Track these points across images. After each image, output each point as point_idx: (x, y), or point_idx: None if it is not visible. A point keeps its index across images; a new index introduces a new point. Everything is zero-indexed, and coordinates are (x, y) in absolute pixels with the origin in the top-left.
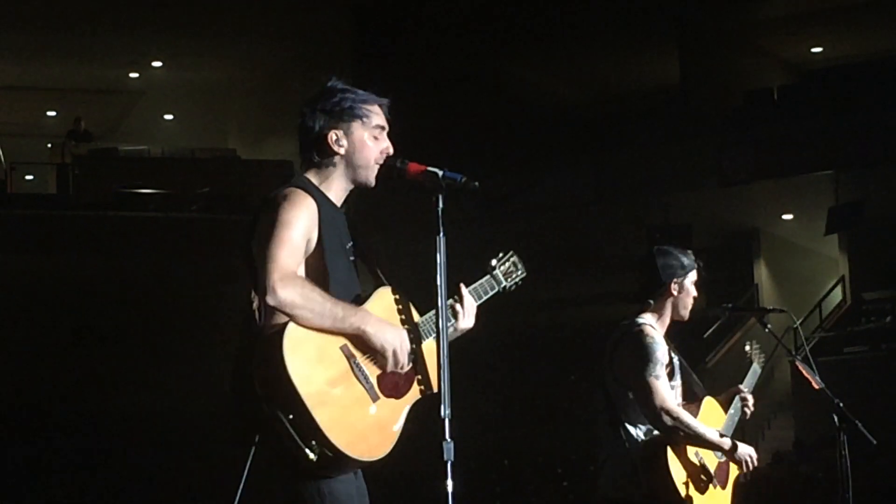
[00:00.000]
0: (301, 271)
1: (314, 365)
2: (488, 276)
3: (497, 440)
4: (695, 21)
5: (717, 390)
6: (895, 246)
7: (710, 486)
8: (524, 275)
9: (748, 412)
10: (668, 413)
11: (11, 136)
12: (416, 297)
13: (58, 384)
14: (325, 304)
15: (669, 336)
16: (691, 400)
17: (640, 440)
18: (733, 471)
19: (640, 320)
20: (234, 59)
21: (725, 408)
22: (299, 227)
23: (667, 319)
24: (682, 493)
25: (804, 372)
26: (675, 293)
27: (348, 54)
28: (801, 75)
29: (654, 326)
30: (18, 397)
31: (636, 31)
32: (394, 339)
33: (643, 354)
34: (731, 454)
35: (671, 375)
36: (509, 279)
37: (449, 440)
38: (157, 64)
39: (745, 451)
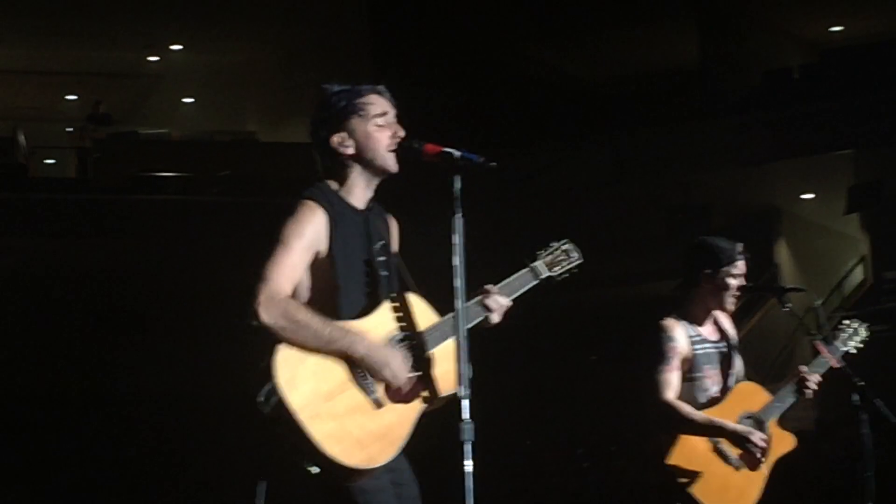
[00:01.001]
0: (307, 283)
1: (308, 379)
2: (526, 270)
3: (518, 421)
4: (714, 1)
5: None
6: None
7: (729, 467)
8: (579, 261)
9: (808, 392)
10: (669, 407)
11: (31, 120)
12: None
13: (78, 368)
14: (310, 326)
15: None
16: (731, 387)
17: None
18: (774, 451)
19: (665, 319)
20: (254, 42)
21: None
22: (299, 244)
23: (705, 309)
24: (693, 488)
25: (824, 352)
26: (706, 285)
27: (366, 35)
28: (820, 54)
29: (675, 319)
30: (39, 381)
31: (655, 11)
32: (384, 361)
33: (654, 350)
34: (734, 438)
35: (694, 369)
36: (556, 268)
37: (468, 420)
38: (176, 47)
39: (747, 433)
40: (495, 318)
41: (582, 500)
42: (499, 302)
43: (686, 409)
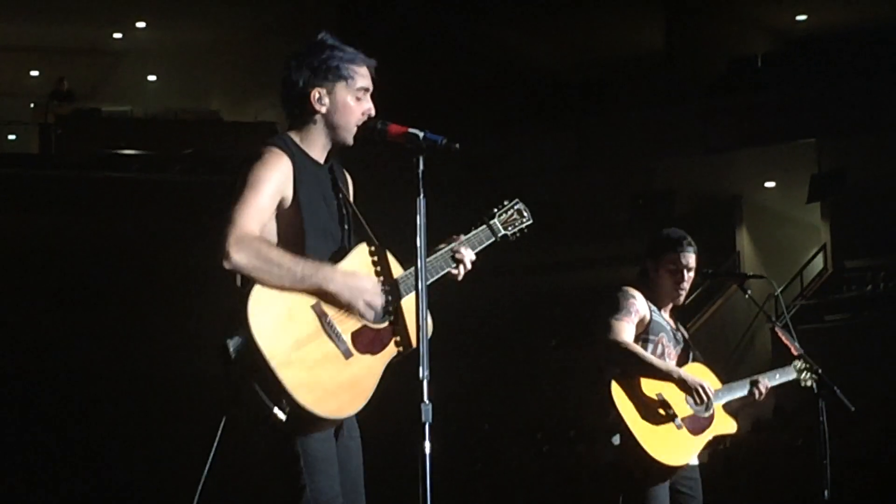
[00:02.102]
0: (273, 228)
1: (281, 325)
2: (483, 227)
3: (477, 404)
4: None
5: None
6: (877, 214)
7: (672, 424)
8: (530, 222)
9: (756, 394)
10: (619, 343)
11: None
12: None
13: (40, 345)
14: (283, 263)
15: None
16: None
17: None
18: (715, 428)
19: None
20: (219, 21)
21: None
22: (267, 187)
23: (657, 299)
24: (628, 421)
25: (784, 339)
26: (653, 275)
27: (332, 16)
28: (785, 43)
29: (636, 290)
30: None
31: None
32: (360, 291)
33: (612, 302)
34: (682, 384)
35: (650, 331)
36: (510, 227)
37: (427, 402)
38: (140, 24)
39: (695, 380)
40: (462, 270)
41: (541, 483)
42: (466, 253)
43: (637, 348)
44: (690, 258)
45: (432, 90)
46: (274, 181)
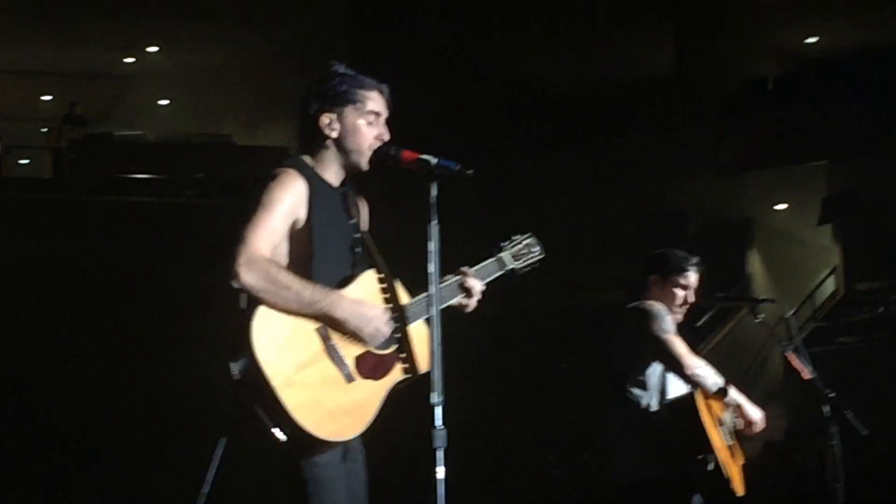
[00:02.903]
0: (284, 249)
1: (284, 347)
2: (493, 259)
3: (489, 426)
4: (692, 9)
5: None
6: (888, 236)
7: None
8: (541, 256)
9: (739, 423)
10: (693, 359)
11: (7, 119)
12: (416, 281)
13: (52, 369)
14: (292, 287)
15: None
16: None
17: (654, 408)
18: (738, 459)
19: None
20: (231, 45)
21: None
22: (280, 208)
23: None
24: (714, 440)
25: (795, 362)
26: (654, 290)
27: (344, 39)
28: (796, 64)
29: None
30: (11, 381)
31: (634, 18)
32: (367, 319)
33: (649, 316)
34: (744, 409)
35: None
36: (520, 261)
37: (440, 427)
38: (152, 49)
39: (756, 409)
40: (473, 302)
41: None
42: (475, 284)
43: (710, 368)
44: (695, 279)
45: (445, 112)
46: (287, 202)
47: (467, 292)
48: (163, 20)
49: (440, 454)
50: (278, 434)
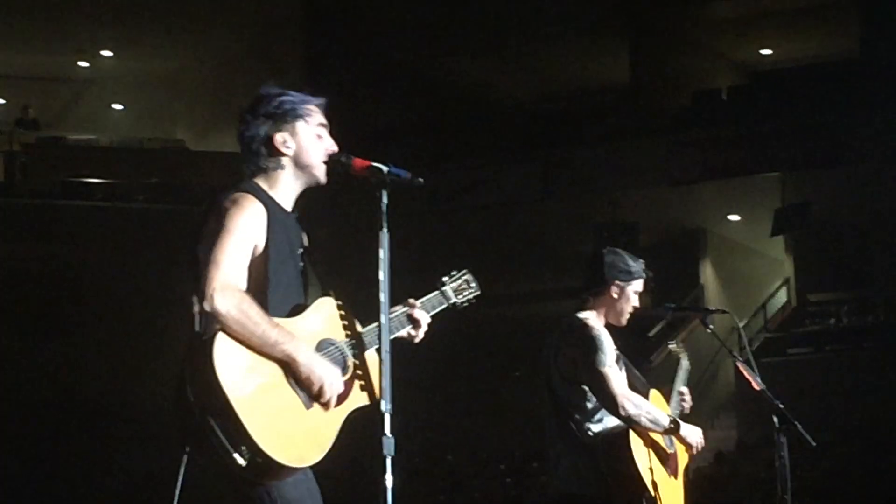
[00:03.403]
0: (243, 277)
1: (246, 371)
2: (437, 293)
3: (440, 436)
4: (646, 20)
5: (660, 388)
6: (840, 248)
7: (668, 474)
8: (477, 293)
9: (686, 407)
10: (628, 399)
11: None
12: (363, 291)
13: (4, 371)
14: (260, 324)
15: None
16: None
17: (593, 433)
18: (682, 462)
19: (581, 315)
20: (185, 50)
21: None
22: (246, 233)
23: (603, 319)
24: (647, 479)
25: (745, 373)
26: (614, 296)
27: (299, 47)
28: (749, 76)
29: (597, 321)
30: None
31: (587, 29)
32: (322, 377)
33: (591, 346)
34: (683, 438)
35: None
36: (460, 296)
37: (389, 435)
38: (106, 53)
39: (695, 434)
40: (420, 333)
41: None
42: (421, 315)
43: (650, 405)
44: (642, 285)
45: (398, 121)
46: (250, 229)
47: (415, 324)
48: (117, 25)
49: (388, 462)
50: (238, 459)
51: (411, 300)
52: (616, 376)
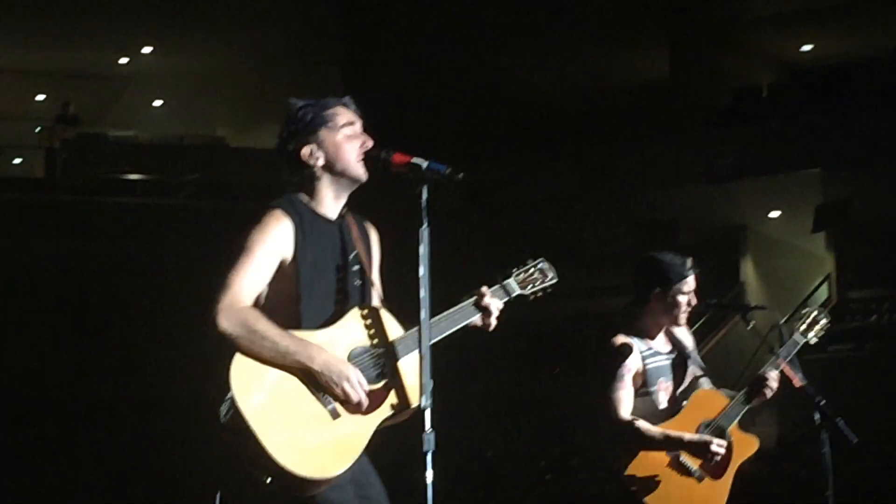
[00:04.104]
0: (273, 290)
1: (264, 386)
2: (497, 286)
3: (480, 432)
4: (685, 16)
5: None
6: (882, 245)
7: (693, 480)
8: (554, 280)
9: (767, 392)
10: (625, 425)
11: (0, 119)
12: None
13: (42, 369)
14: (268, 337)
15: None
16: (687, 396)
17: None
18: (737, 458)
19: (616, 336)
20: (225, 47)
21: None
22: (263, 251)
23: (656, 324)
24: (641, 492)
25: (787, 370)
26: (658, 303)
27: (338, 45)
28: (790, 73)
29: (627, 335)
30: (4, 383)
31: (626, 26)
32: (340, 380)
33: (606, 367)
34: (695, 452)
35: (648, 382)
36: (530, 286)
37: (429, 430)
38: (147, 50)
39: (702, 444)
40: (492, 321)
41: None
42: (491, 302)
43: (643, 425)
44: (694, 281)
45: (436, 118)
46: (269, 245)
47: (484, 311)
48: (158, 22)
49: (429, 458)
50: (263, 476)
51: (482, 288)
52: (620, 400)
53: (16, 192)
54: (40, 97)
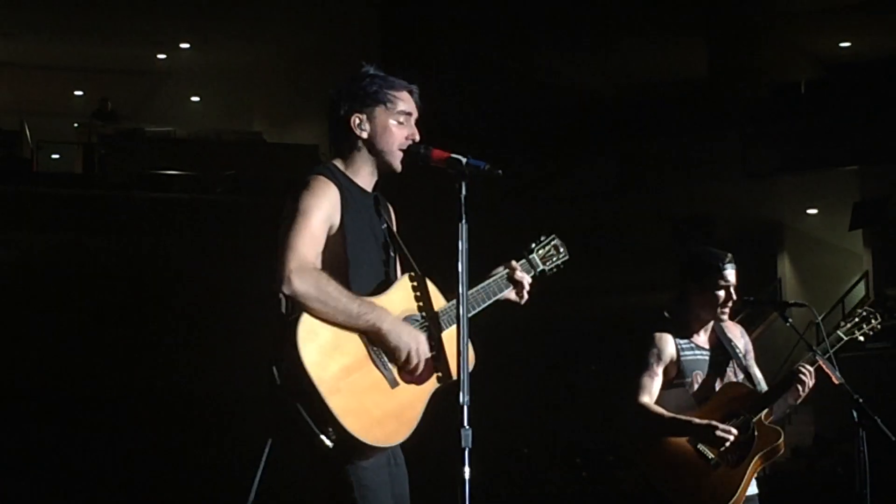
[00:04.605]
0: (319, 257)
1: (330, 352)
2: (523, 261)
3: (516, 428)
4: (724, 13)
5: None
6: None
7: (708, 467)
8: (566, 258)
9: (800, 390)
10: (640, 407)
11: (39, 115)
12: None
13: (81, 363)
14: (341, 299)
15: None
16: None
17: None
18: (759, 446)
19: (660, 320)
20: (262, 42)
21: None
22: (318, 214)
23: (696, 319)
24: (664, 487)
25: (825, 367)
26: (696, 297)
27: (376, 38)
28: (828, 70)
29: (668, 324)
30: (41, 376)
31: (665, 22)
32: (409, 341)
33: (639, 353)
34: (705, 439)
35: (680, 374)
36: (548, 263)
37: (467, 427)
38: (184, 45)
39: (708, 428)
40: (525, 295)
41: None
42: (523, 276)
43: (656, 409)
44: (733, 276)
45: (475, 114)
46: (324, 209)
47: (517, 285)
48: (195, 17)
49: (466, 454)
50: (325, 440)
51: (513, 262)
52: (646, 385)
53: (54, 187)
54: (78, 93)
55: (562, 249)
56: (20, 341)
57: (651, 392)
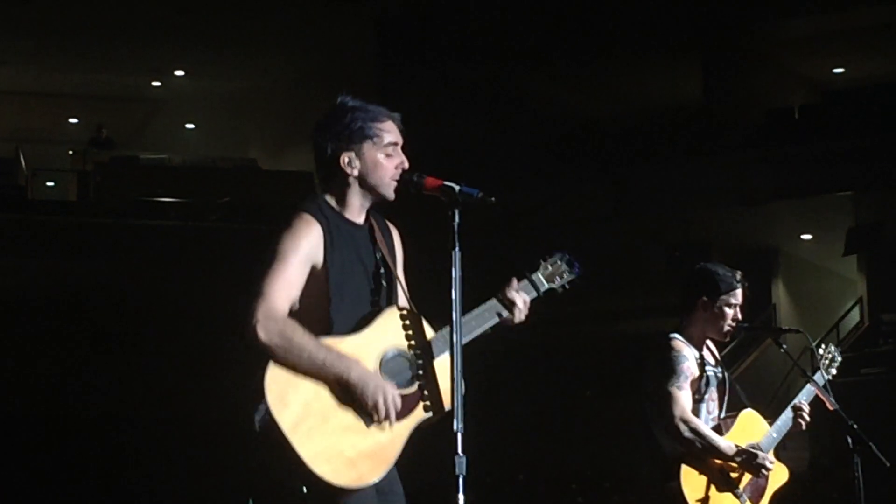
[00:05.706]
0: (303, 293)
1: (300, 396)
2: (524, 280)
3: (512, 455)
4: (718, 39)
5: (734, 408)
6: None
7: (735, 498)
8: (578, 274)
9: (802, 424)
10: (686, 423)
11: (33, 142)
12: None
13: (75, 390)
14: (305, 348)
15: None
16: (732, 413)
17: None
18: (772, 485)
19: (672, 334)
20: (257, 69)
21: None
22: (297, 257)
23: (702, 335)
24: None
25: (819, 393)
26: (704, 312)
27: (371, 65)
28: (823, 95)
29: (683, 341)
30: (35, 403)
31: (659, 48)
32: (375, 393)
33: (667, 365)
34: (744, 465)
35: (702, 389)
36: (556, 280)
37: (461, 455)
38: (179, 73)
39: (758, 461)
40: (518, 315)
41: None
42: (514, 294)
43: (702, 425)
44: (741, 295)
45: (469, 139)
46: (302, 250)
47: (510, 304)
48: (190, 45)
49: (461, 481)
50: (301, 486)
51: (513, 280)
52: (683, 398)
53: (49, 214)
54: (73, 120)
55: (574, 265)
56: (12, 367)
57: (688, 405)
